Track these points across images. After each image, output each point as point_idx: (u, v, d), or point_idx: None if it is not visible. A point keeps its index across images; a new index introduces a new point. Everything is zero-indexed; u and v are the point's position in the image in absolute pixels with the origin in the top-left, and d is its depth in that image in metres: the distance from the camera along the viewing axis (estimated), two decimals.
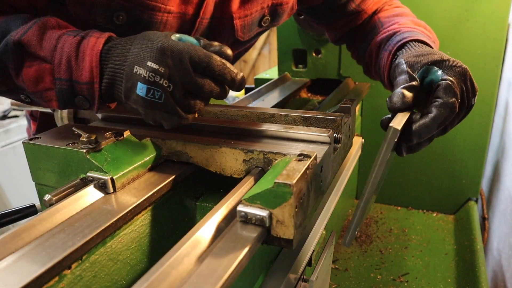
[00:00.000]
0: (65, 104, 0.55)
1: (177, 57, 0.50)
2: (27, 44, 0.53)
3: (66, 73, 0.53)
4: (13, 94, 0.60)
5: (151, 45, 0.51)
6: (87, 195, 0.52)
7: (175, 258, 0.37)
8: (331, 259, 0.59)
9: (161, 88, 0.50)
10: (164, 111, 0.52)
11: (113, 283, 0.48)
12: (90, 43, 0.53)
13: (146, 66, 0.50)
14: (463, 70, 0.58)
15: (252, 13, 0.77)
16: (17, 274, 0.38)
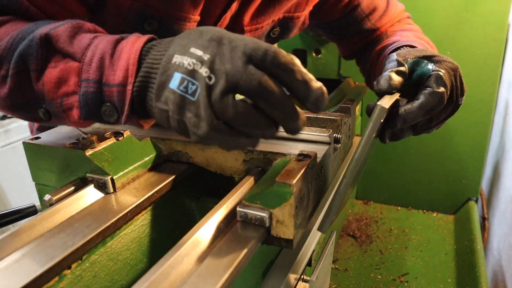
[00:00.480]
0: (88, 113, 0.45)
1: (229, 44, 0.39)
2: (55, 38, 0.45)
3: (96, 72, 0.44)
4: (31, 110, 0.49)
5: (199, 34, 0.41)
6: (87, 195, 0.52)
7: (175, 258, 0.37)
8: (331, 259, 0.59)
9: (198, 79, 0.38)
10: (194, 114, 0.38)
11: (113, 283, 0.48)
12: (130, 41, 0.45)
13: (189, 53, 0.39)
14: (454, 66, 0.58)
15: (263, 26, 0.77)
16: (17, 274, 0.38)
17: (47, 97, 0.46)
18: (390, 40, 0.78)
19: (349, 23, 0.86)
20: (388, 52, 0.72)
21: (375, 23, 0.86)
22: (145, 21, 0.63)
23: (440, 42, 1.11)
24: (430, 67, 0.57)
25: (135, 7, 0.61)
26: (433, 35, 1.11)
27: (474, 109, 1.14)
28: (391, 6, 0.86)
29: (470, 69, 1.11)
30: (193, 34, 0.42)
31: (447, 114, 0.60)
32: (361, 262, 1.03)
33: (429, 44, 0.77)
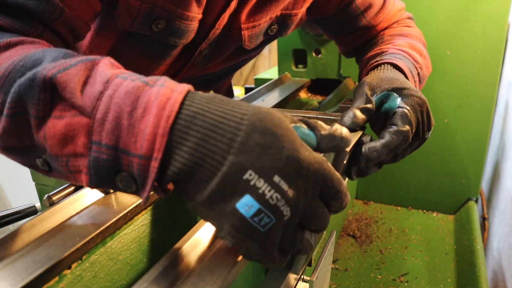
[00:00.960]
0: (99, 182, 0.36)
1: (312, 180, 0.35)
2: (61, 85, 0.35)
3: (110, 136, 0.34)
4: (26, 155, 0.40)
5: (280, 149, 0.34)
6: (87, 195, 0.52)
7: (175, 258, 0.37)
8: (331, 259, 0.59)
9: (277, 215, 0.34)
10: (259, 244, 0.34)
11: (113, 283, 0.48)
12: (160, 95, 0.34)
13: (271, 182, 0.33)
14: (421, 101, 0.57)
15: (260, 24, 0.77)
16: (17, 274, 0.38)
17: (50, 152, 0.37)
18: (381, 47, 0.78)
19: (344, 20, 0.85)
20: (368, 69, 0.71)
21: (370, 20, 0.85)
22: (153, 21, 0.64)
23: (440, 42, 1.11)
24: (397, 101, 0.57)
25: (144, 8, 0.62)
26: (433, 35, 1.11)
27: (474, 109, 1.14)
28: (387, 4, 0.85)
29: (470, 69, 1.11)
30: (271, 146, 0.34)
31: (413, 148, 0.60)
32: (361, 262, 1.03)
33: (422, 55, 0.76)
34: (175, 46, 0.70)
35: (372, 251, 1.07)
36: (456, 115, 1.17)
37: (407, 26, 0.88)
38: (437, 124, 1.20)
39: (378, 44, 0.82)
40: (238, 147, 0.33)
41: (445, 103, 1.16)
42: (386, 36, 0.84)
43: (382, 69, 0.67)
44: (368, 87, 0.59)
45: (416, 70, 0.71)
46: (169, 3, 0.62)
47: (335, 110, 0.68)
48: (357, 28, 0.86)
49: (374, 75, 0.63)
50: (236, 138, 0.34)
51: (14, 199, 2.04)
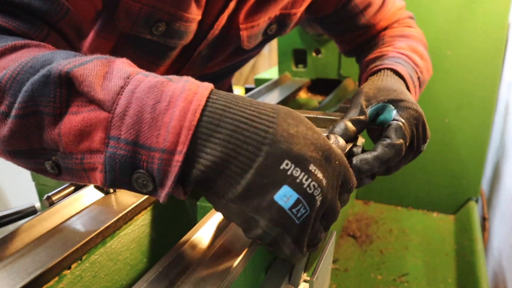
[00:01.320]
0: (115, 180, 0.34)
1: (337, 170, 0.37)
2: (78, 79, 0.34)
3: (130, 130, 0.33)
4: (34, 159, 0.38)
5: (311, 138, 0.35)
6: (87, 195, 0.52)
7: (175, 258, 0.37)
8: (331, 259, 0.59)
9: (311, 206, 0.34)
10: (293, 236, 0.35)
11: (113, 283, 0.48)
12: (186, 90, 0.33)
13: (308, 171, 0.34)
14: (417, 114, 0.56)
15: (259, 24, 0.76)
16: (17, 274, 0.38)
17: (64, 149, 0.35)
18: (381, 50, 0.77)
19: (343, 18, 0.85)
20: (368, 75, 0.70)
21: (369, 19, 0.84)
22: (153, 24, 0.64)
23: (440, 42, 1.11)
24: (393, 114, 0.56)
25: (145, 11, 0.62)
26: (433, 35, 1.11)
27: (474, 109, 1.14)
28: (387, 2, 0.84)
29: (471, 69, 1.11)
30: (303, 135, 0.35)
31: (407, 161, 0.60)
32: (361, 262, 1.02)
33: (423, 58, 0.75)
34: (174, 48, 0.70)
35: (372, 251, 1.07)
36: (457, 115, 1.17)
37: (408, 26, 0.87)
38: (437, 124, 1.20)
39: (379, 46, 0.81)
40: (273, 137, 0.33)
41: (445, 103, 1.16)
42: (387, 37, 0.83)
43: (381, 75, 0.65)
44: (364, 97, 0.58)
45: (416, 75, 0.70)
46: (169, 5, 0.62)
47: (335, 110, 0.68)
48: (356, 27, 0.85)
49: (372, 83, 0.62)
50: (270, 130, 0.33)
51: (14, 199, 2.04)
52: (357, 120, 0.55)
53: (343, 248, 1.08)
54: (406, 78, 0.66)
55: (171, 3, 0.62)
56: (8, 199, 2.03)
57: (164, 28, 0.65)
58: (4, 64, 0.37)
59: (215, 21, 0.70)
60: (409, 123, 0.55)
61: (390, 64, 0.68)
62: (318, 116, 0.63)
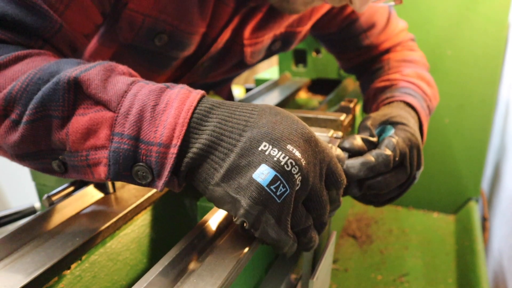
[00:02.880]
0: (117, 173, 0.38)
1: (319, 156, 0.39)
2: (86, 83, 0.38)
3: (132, 127, 0.37)
4: (41, 159, 0.42)
5: (291, 124, 0.38)
6: (87, 195, 0.52)
7: (175, 258, 0.37)
8: (332, 259, 0.59)
9: (290, 184, 0.36)
10: (275, 216, 0.36)
11: (113, 284, 0.48)
12: (180, 94, 0.38)
13: (285, 149, 0.36)
14: (414, 138, 0.58)
15: (263, 40, 0.76)
16: (17, 274, 0.38)
17: (71, 148, 0.39)
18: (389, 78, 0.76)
19: (346, 37, 0.85)
20: (382, 104, 0.71)
21: (373, 40, 0.84)
22: (156, 35, 0.63)
23: (441, 42, 1.11)
24: (390, 132, 0.58)
25: (148, 22, 0.61)
26: (434, 35, 1.11)
27: (474, 109, 1.14)
28: (391, 23, 0.85)
29: (471, 69, 1.11)
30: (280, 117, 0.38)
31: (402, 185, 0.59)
32: (361, 262, 1.02)
33: (429, 85, 0.76)
34: (176, 58, 0.69)
35: (372, 251, 1.07)
36: (457, 115, 1.17)
37: (410, 50, 0.87)
38: (437, 124, 1.20)
39: (385, 71, 0.81)
40: (253, 125, 0.37)
41: (446, 103, 1.16)
42: (392, 61, 0.82)
43: (390, 106, 0.66)
44: (371, 122, 0.60)
45: (425, 103, 0.71)
46: (172, 17, 0.62)
47: (335, 110, 0.68)
48: (359, 46, 0.85)
49: (381, 110, 0.64)
50: (251, 119, 0.38)
51: (14, 199, 2.04)
52: (367, 140, 0.57)
53: (343, 248, 1.08)
54: (418, 109, 0.67)
55: (175, 15, 0.62)
56: (8, 199, 2.03)
57: (166, 39, 0.64)
58: (11, 75, 0.40)
59: (219, 35, 0.70)
60: (403, 142, 0.56)
61: (401, 96, 0.69)
62: (318, 116, 0.64)
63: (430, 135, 1.22)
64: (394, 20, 0.85)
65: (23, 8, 0.44)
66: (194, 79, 0.80)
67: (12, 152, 0.42)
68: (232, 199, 0.36)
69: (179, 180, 0.39)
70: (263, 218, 0.36)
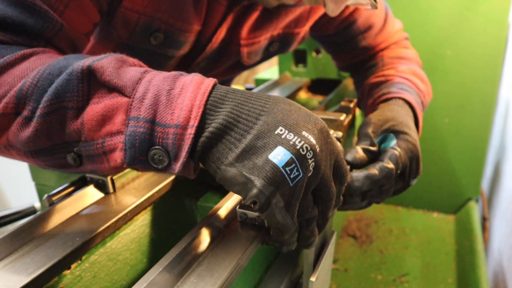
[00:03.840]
0: (134, 157, 0.38)
1: (330, 148, 0.40)
2: (100, 70, 0.38)
3: (148, 110, 0.37)
4: (56, 154, 0.41)
5: (304, 114, 0.39)
6: (87, 195, 0.52)
7: (175, 258, 0.37)
8: (332, 259, 0.59)
9: (304, 169, 0.36)
10: (284, 199, 0.36)
11: (113, 284, 0.48)
12: (194, 79, 0.39)
13: (301, 135, 0.37)
14: (415, 149, 0.59)
15: (260, 41, 0.76)
16: (17, 274, 0.38)
17: (86, 137, 0.39)
18: (384, 73, 0.77)
19: (344, 39, 0.85)
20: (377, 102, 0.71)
21: (370, 41, 0.85)
22: (151, 34, 0.63)
23: (441, 41, 1.11)
24: (392, 143, 0.58)
25: (142, 20, 0.61)
26: (433, 35, 1.11)
27: (474, 109, 1.14)
28: (388, 24, 0.85)
29: (471, 69, 1.11)
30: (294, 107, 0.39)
31: (397, 190, 0.61)
32: (361, 262, 1.02)
33: (423, 81, 0.76)
34: (172, 57, 0.69)
35: (372, 251, 1.07)
36: (457, 115, 1.17)
37: (404, 47, 0.88)
38: (437, 124, 1.20)
39: (379, 68, 0.81)
40: (268, 111, 0.38)
41: (446, 102, 1.16)
42: (386, 58, 0.83)
43: (391, 105, 0.67)
44: (372, 128, 0.60)
45: (420, 99, 0.72)
46: (167, 15, 0.62)
47: (335, 110, 0.68)
48: (356, 47, 0.86)
49: (382, 113, 0.64)
50: (266, 105, 0.39)
51: (14, 199, 2.04)
52: (368, 150, 0.58)
53: (343, 248, 1.08)
54: (415, 106, 0.68)
55: (170, 13, 0.62)
56: (8, 199, 2.03)
57: (162, 38, 0.64)
58: (20, 73, 0.40)
59: (213, 34, 0.70)
60: (405, 154, 0.57)
61: (398, 92, 0.69)
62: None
63: (430, 135, 1.22)
64: (390, 21, 0.86)
65: (24, 10, 0.44)
66: None
67: (26, 149, 0.41)
68: (245, 179, 0.36)
69: (194, 162, 0.39)
70: (274, 200, 0.36)
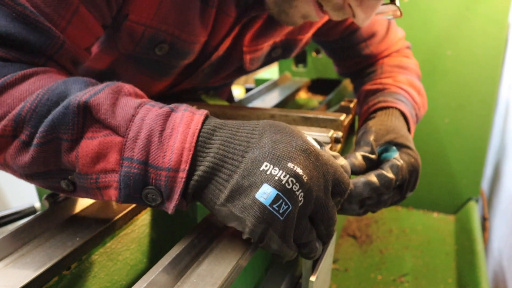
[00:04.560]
0: (128, 196, 0.39)
1: (322, 169, 0.40)
2: (95, 108, 0.39)
3: (141, 152, 0.38)
4: (50, 179, 0.42)
5: (291, 141, 0.39)
6: None
7: (175, 258, 0.37)
8: (332, 259, 0.59)
9: (293, 201, 0.37)
10: (278, 233, 0.37)
11: (113, 284, 0.48)
12: (185, 118, 0.39)
13: (286, 168, 0.37)
14: (416, 164, 0.59)
15: (263, 48, 0.76)
16: (17, 274, 0.38)
17: (80, 170, 0.40)
18: (381, 81, 0.77)
19: (346, 46, 0.85)
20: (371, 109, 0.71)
21: (372, 49, 0.85)
22: (156, 45, 0.63)
23: (441, 42, 1.11)
24: (395, 154, 0.59)
25: (148, 33, 0.61)
26: (434, 35, 1.11)
27: (474, 109, 1.14)
28: (390, 32, 0.85)
29: (471, 69, 1.11)
30: (280, 135, 0.39)
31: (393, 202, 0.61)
32: (361, 262, 1.02)
33: (420, 93, 0.77)
34: (176, 67, 0.69)
35: (372, 251, 1.07)
36: (457, 115, 1.17)
37: (405, 56, 0.88)
38: (437, 124, 1.20)
39: (378, 75, 0.81)
40: (254, 145, 0.39)
41: (446, 103, 1.16)
42: (386, 66, 0.83)
43: (389, 115, 0.67)
44: (374, 137, 0.60)
45: (414, 111, 0.72)
46: (173, 27, 0.61)
47: (335, 110, 0.68)
48: (358, 55, 0.86)
49: (382, 123, 0.64)
50: (252, 140, 0.39)
51: (14, 199, 2.04)
52: (367, 157, 0.58)
53: (343, 248, 1.08)
54: (408, 118, 0.69)
55: (175, 25, 0.61)
56: (8, 199, 2.03)
57: (167, 49, 0.64)
58: (19, 95, 0.41)
59: (220, 44, 0.70)
60: (407, 167, 0.57)
61: (394, 102, 0.70)
62: (318, 116, 0.64)
63: (430, 135, 1.22)
64: (393, 29, 0.86)
65: (26, 26, 0.44)
66: (194, 84, 0.80)
67: (21, 172, 0.42)
68: (238, 218, 0.38)
69: (187, 201, 0.40)
70: (268, 235, 0.37)
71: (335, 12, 0.59)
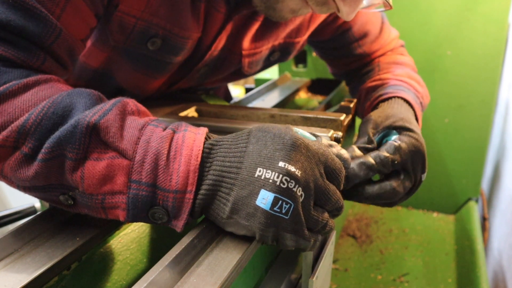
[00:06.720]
0: (136, 216, 0.40)
1: (315, 159, 0.40)
2: (104, 131, 0.40)
3: (149, 175, 0.39)
4: (49, 192, 0.42)
5: (278, 140, 0.40)
6: None
7: (175, 258, 0.37)
8: (332, 259, 0.59)
9: (292, 198, 0.38)
10: (289, 231, 0.39)
11: (113, 284, 0.48)
12: (186, 140, 0.41)
13: (277, 168, 0.38)
14: (418, 144, 0.57)
15: (262, 51, 0.76)
16: (17, 274, 0.38)
17: (85, 190, 0.40)
18: (380, 77, 0.77)
19: (338, 45, 0.85)
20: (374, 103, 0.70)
21: (365, 49, 0.84)
22: (148, 40, 0.63)
23: (441, 42, 1.11)
24: (393, 137, 0.58)
25: (139, 25, 0.61)
26: (433, 35, 1.11)
27: (474, 109, 1.14)
28: (384, 32, 0.85)
29: (471, 69, 1.11)
30: (270, 138, 0.40)
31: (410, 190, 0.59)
32: (361, 262, 1.02)
33: (420, 84, 0.76)
34: (170, 63, 0.69)
35: (372, 251, 1.07)
36: (457, 115, 1.17)
37: (400, 54, 0.88)
38: (437, 124, 1.20)
39: (376, 72, 0.81)
40: (246, 155, 0.40)
41: (446, 102, 1.16)
42: (382, 63, 0.83)
43: (391, 103, 0.66)
44: (372, 125, 0.60)
45: (418, 100, 0.71)
46: (165, 21, 0.61)
47: (335, 110, 0.68)
48: (351, 54, 0.86)
49: (382, 110, 0.63)
50: (243, 149, 0.40)
51: (14, 199, 2.04)
52: (365, 148, 0.57)
53: (343, 248, 1.08)
54: (413, 104, 0.67)
55: (167, 18, 0.61)
56: (8, 199, 2.03)
57: (159, 44, 0.64)
58: (21, 105, 0.41)
59: (213, 42, 0.70)
60: (407, 148, 0.56)
61: (396, 92, 0.69)
62: (318, 116, 0.64)
63: (430, 135, 1.22)
64: (387, 29, 0.86)
65: (24, 13, 0.44)
66: (191, 84, 0.80)
67: (20, 184, 0.42)
68: (245, 227, 0.39)
69: (193, 217, 0.42)
70: (279, 236, 0.39)
71: (319, 7, 0.58)
